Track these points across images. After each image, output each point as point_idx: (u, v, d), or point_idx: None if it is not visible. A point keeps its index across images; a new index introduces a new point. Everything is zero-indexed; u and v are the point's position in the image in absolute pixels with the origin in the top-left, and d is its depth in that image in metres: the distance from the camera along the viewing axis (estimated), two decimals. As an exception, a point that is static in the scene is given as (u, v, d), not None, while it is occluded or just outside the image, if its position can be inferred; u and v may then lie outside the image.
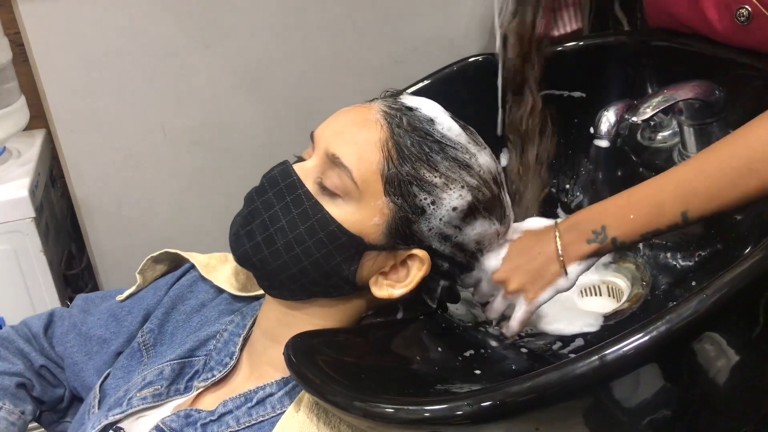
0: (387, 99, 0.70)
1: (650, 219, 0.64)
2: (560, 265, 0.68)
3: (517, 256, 0.70)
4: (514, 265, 0.70)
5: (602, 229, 0.66)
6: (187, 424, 0.66)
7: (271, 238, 0.65)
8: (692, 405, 0.60)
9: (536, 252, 0.69)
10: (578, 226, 0.68)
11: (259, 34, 1.15)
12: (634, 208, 0.65)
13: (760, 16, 0.76)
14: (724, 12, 0.80)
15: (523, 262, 0.69)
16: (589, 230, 0.67)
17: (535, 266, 0.69)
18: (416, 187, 0.65)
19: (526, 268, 0.69)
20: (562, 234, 0.68)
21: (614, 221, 0.66)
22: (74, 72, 1.10)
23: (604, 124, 0.81)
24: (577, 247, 0.67)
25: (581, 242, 0.67)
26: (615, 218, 0.66)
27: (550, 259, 0.68)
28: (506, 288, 0.70)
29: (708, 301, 0.54)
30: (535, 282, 0.69)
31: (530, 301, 0.70)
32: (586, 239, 0.67)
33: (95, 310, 0.83)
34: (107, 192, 1.18)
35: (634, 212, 0.65)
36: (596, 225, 0.66)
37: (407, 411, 0.55)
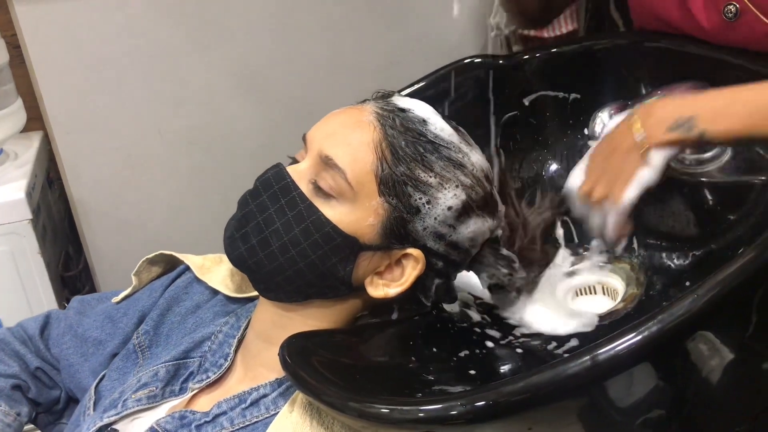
0: (379, 100, 0.70)
1: (754, 122, 0.58)
2: (639, 153, 0.61)
3: (594, 162, 0.65)
4: (593, 173, 0.65)
5: (690, 118, 0.60)
6: (181, 425, 0.66)
7: (266, 240, 0.66)
8: (686, 404, 0.61)
9: (612, 149, 0.64)
10: (659, 113, 0.61)
11: (256, 36, 1.15)
12: (738, 105, 0.59)
13: (747, 12, 0.77)
14: (711, 9, 0.81)
15: (601, 166, 0.64)
16: (672, 117, 0.60)
17: (613, 165, 0.64)
18: (411, 187, 0.66)
19: (604, 171, 0.64)
20: (641, 120, 0.62)
21: (708, 113, 0.59)
22: (71, 74, 1.11)
23: (599, 125, 0.82)
24: (656, 132, 0.61)
25: (661, 128, 0.60)
26: (709, 110, 0.59)
27: (627, 150, 0.62)
28: (591, 200, 0.65)
29: (700, 301, 0.54)
30: (616, 182, 0.63)
31: (617, 204, 0.64)
32: (667, 126, 0.60)
33: (91, 312, 0.83)
34: (104, 194, 1.18)
35: (736, 110, 0.58)
36: (683, 112, 0.60)
37: (402, 411, 0.56)
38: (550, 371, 0.53)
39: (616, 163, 0.63)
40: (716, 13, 0.80)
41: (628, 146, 0.62)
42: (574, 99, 0.96)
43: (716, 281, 0.55)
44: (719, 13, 0.79)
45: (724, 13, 0.78)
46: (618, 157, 0.63)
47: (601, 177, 0.65)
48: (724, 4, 0.79)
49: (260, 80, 1.18)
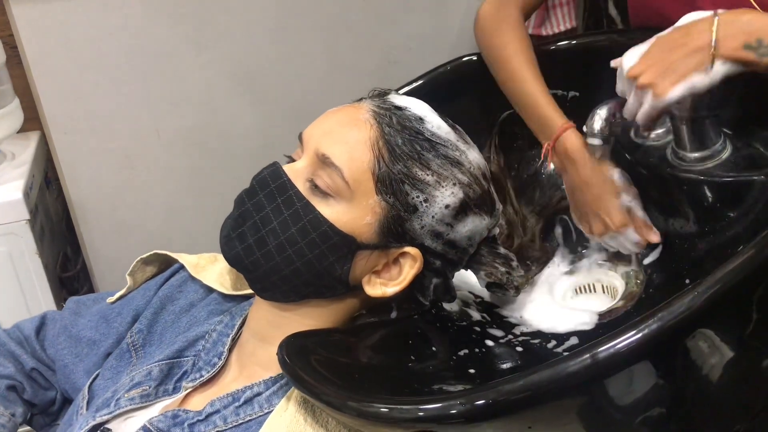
0: (375, 99, 0.70)
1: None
2: (707, 56, 0.61)
3: (658, 48, 0.64)
4: (651, 58, 0.64)
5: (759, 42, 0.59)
6: (174, 424, 0.66)
7: (262, 239, 0.65)
8: (686, 402, 0.60)
9: (680, 43, 0.63)
10: (742, 25, 0.61)
11: (253, 36, 1.15)
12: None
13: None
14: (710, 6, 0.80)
15: (662, 54, 0.63)
16: (754, 35, 0.60)
17: (673, 58, 0.62)
18: (408, 185, 0.65)
19: (662, 60, 0.63)
20: (721, 25, 0.61)
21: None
22: (68, 74, 1.10)
23: (597, 123, 0.82)
24: (730, 44, 0.60)
25: (738, 41, 0.60)
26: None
27: (695, 49, 0.61)
28: (637, 83, 0.65)
29: (700, 298, 0.54)
30: (666, 75, 0.63)
31: (659, 97, 0.64)
32: (744, 42, 0.60)
33: (86, 312, 0.83)
34: (102, 194, 1.18)
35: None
36: (763, 35, 0.59)
37: (401, 410, 0.55)
38: (549, 370, 0.53)
39: (676, 57, 0.62)
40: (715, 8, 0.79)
41: (696, 46, 0.62)
42: (573, 96, 0.95)
43: (716, 279, 0.55)
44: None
45: None
46: (681, 52, 0.62)
47: (655, 65, 0.64)
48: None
49: (258, 80, 1.17)
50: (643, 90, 0.66)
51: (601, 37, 1.03)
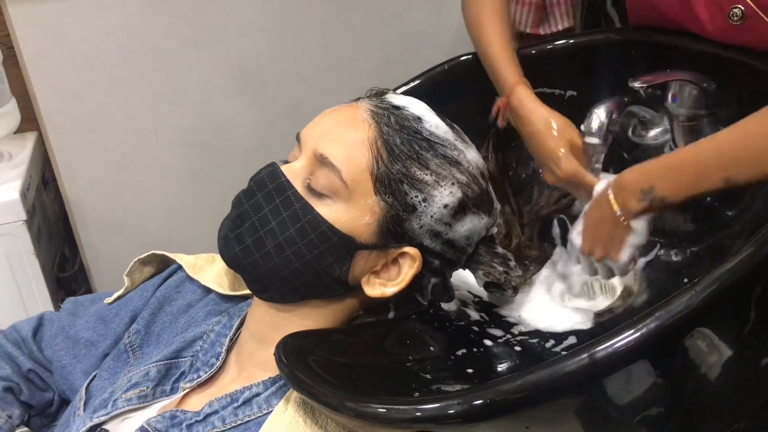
0: (373, 98, 0.70)
1: (694, 182, 0.67)
2: (624, 225, 0.72)
3: (590, 227, 0.76)
4: (590, 237, 0.76)
5: (650, 189, 0.69)
6: (172, 425, 0.66)
7: (261, 240, 0.65)
8: (684, 401, 0.60)
9: (601, 220, 0.75)
10: (628, 187, 0.71)
11: (251, 35, 1.15)
12: (678, 171, 0.69)
13: (754, 16, 0.76)
14: (715, 12, 0.80)
15: (596, 232, 0.75)
16: (638, 190, 0.70)
17: (605, 234, 0.74)
18: (407, 185, 0.65)
19: (599, 237, 0.75)
20: (616, 197, 0.72)
21: (661, 182, 0.69)
22: (65, 74, 1.10)
23: (595, 122, 0.82)
24: (631, 205, 0.71)
25: (633, 201, 0.71)
26: (661, 180, 0.69)
27: (612, 223, 0.73)
28: (595, 258, 0.76)
29: (698, 297, 0.54)
30: (612, 248, 0.74)
31: (617, 263, 0.75)
32: (636, 199, 0.70)
33: (83, 313, 0.82)
34: (100, 194, 1.18)
35: (678, 175, 0.68)
36: (644, 185, 0.70)
37: (398, 411, 0.55)
38: (547, 369, 0.53)
39: (606, 232, 0.74)
40: (721, 15, 0.79)
41: (612, 219, 0.73)
42: (571, 96, 0.95)
43: (714, 277, 0.55)
44: (724, 15, 0.79)
45: (730, 16, 0.78)
46: (606, 228, 0.74)
47: (596, 243, 0.76)
48: (729, 7, 0.78)
49: (256, 80, 1.17)
50: (603, 262, 0.77)
51: (599, 36, 1.03)
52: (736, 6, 0.77)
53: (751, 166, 0.64)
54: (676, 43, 0.88)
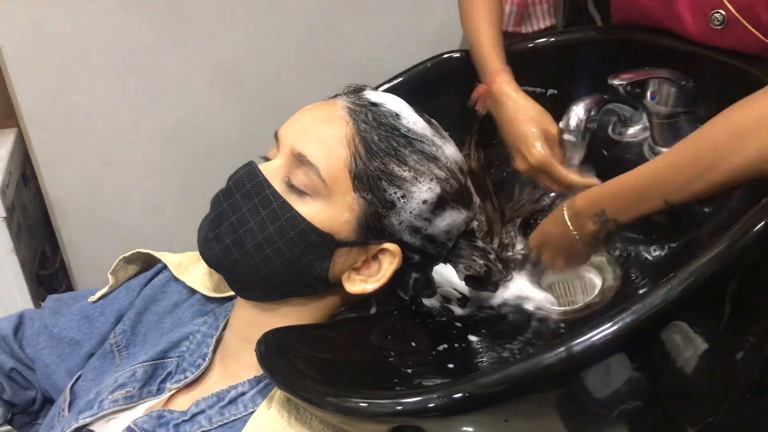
0: (350, 95, 0.70)
1: (638, 205, 0.71)
2: (581, 247, 0.77)
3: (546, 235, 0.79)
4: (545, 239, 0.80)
5: (602, 212, 0.73)
6: (159, 424, 0.66)
7: (240, 240, 0.65)
8: (661, 394, 0.61)
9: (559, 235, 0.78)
10: (582, 213, 0.75)
11: (233, 31, 1.14)
12: (623, 196, 0.72)
13: (734, 21, 0.77)
14: (698, 16, 0.81)
15: (553, 240, 0.79)
16: (592, 214, 0.74)
17: (564, 248, 0.78)
18: (385, 181, 0.65)
19: (556, 247, 0.79)
20: (571, 221, 0.76)
21: (609, 207, 0.73)
22: (45, 70, 1.09)
23: (573, 119, 0.82)
24: (588, 228, 0.75)
25: (589, 223, 0.74)
26: (609, 204, 0.73)
27: (573, 243, 0.76)
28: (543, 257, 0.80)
29: (675, 291, 0.54)
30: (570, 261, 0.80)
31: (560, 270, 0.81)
32: (591, 221, 0.74)
33: (67, 312, 0.82)
34: (81, 191, 1.17)
35: (623, 199, 0.72)
36: (596, 209, 0.73)
37: (379, 405, 0.55)
38: (525, 363, 0.53)
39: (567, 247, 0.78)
40: (703, 19, 0.80)
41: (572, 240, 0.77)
42: (552, 94, 0.96)
43: (690, 271, 0.55)
44: (706, 19, 0.80)
45: (711, 21, 0.79)
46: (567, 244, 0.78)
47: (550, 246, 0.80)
48: (710, 12, 0.79)
49: (238, 76, 1.17)
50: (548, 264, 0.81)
51: (580, 34, 1.04)
52: (717, 11, 0.78)
53: (682, 189, 0.67)
54: (656, 41, 0.89)
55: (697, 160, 0.66)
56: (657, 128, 0.83)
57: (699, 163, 0.66)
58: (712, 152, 0.65)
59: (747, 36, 0.77)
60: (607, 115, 0.88)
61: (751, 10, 0.75)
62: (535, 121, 0.85)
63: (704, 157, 0.65)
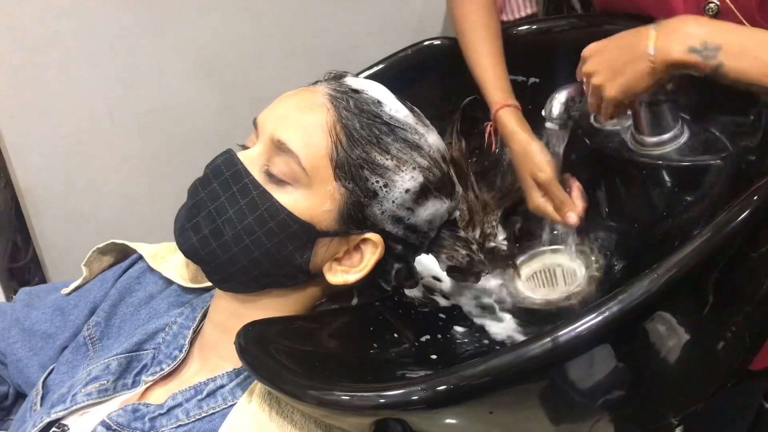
0: (331, 81, 0.68)
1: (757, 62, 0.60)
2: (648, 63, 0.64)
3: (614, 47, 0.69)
4: (601, 58, 0.69)
5: (716, 48, 0.61)
6: (134, 418, 0.64)
7: (218, 230, 0.64)
8: (644, 384, 0.61)
9: (629, 45, 0.66)
10: (688, 30, 0.63)
11: (210, 17, 1.12)
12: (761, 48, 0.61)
13: (728, 12, 0.77)
14: (691, 6, 0.81)
15: (611, 55, 0.68)
16: (699, 40, 0.62)
17: (622, 60, 0.66)
18: (368, 170, 0.64)
19: (612, 61, 0.67)
20: (661, 32, 0.64)
21: (735, 48, 0.60)
22: (14, 55, 1.06)
23: (556, 108, 0.82)
24: (675, 47, 0.63)
25: (683, 46, 0.62)
26: (737, 46, 0.61)
27: (640, 55, 0.64)
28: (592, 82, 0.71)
29: (659, 281, 0.54)
30: (615, 78, 0.67)
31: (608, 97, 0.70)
32: (689, 47, 0.62)
33: (39, 304, 0.80)
34: (53, 181, 1.14)
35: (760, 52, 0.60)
36: (711, 39, 0.61)
37: (362, 398, 0.55)
38: (510, 354, 0.53)
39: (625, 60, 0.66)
40: (696, 9, 0.80)
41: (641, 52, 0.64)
42: (533, 83, 0.96)
43: (674, 262, 0.55)
44: (700, 9, 0.79)
45: (705, 11, 0.79)
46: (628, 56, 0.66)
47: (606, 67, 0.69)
48: (705, 3, 0.78)
49: (215, 63, 1.15)
50: (596, 90, 0.71)
51: (561, 21, 1.04)
52: (711, 1, 0.78)
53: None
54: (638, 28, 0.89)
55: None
56: (639, 116, 0.83)
57: None
58: None
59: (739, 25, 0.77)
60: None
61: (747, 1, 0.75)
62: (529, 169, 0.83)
63: None
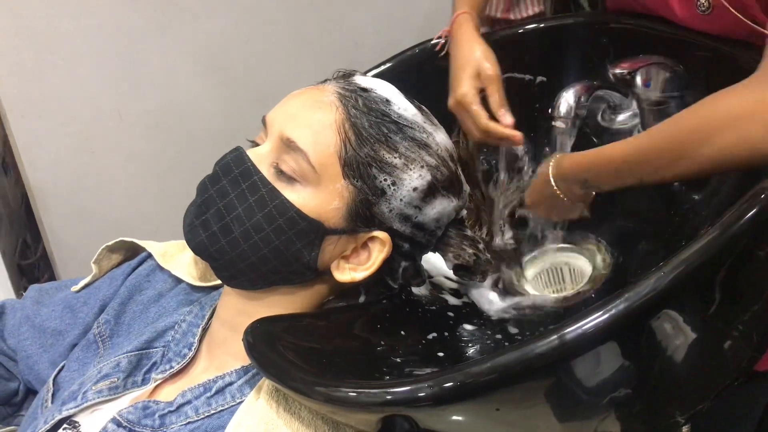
0: (340, 80, 0.69)
1: (616, 180, 0.74)
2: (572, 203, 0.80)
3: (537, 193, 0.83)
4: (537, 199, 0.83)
5: (586, 180, 0.77)
6: (144, 415, 0.65)
7: (227, 227, 0.64)
8: (651, 382, 0.61)
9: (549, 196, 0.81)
10: (567, 177, 0.79)
11: (217, 15, 1.13)
12: (602, 169, 0.75)
13: (719, 7, 0.77)
14: (685, 1, 0.81)
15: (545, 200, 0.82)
16: (577, 181, 0.78)
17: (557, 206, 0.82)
18: (376, 168, 0.64)
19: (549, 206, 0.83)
20: (558, 185, 0.80)
21: (591, 177, 0.77)
22: (24, 55, 1.07)
23: (563, 106, 0.82)
24: (575, 191, 0.79)
25: (576, 188, 0.79)
26: (591, 174, 0.77)
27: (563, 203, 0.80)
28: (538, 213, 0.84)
29: (665, 279, 0.54)
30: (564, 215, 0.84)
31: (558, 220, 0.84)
32: (577, 186, 0.78)
33: (49, 302, 0.80)
34: (62, 179, 1.15)
35: (602, 172, 0.75)
36: (580, 177, 0.78)
37: (369, 394, 0.55)
38: (517, 351, 0.53)
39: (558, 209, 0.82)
40: (689, 4, 0.80)
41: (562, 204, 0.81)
42: (541, 81, 0.96)
43: (681, 260, 0.55)
44: (692, 4, 0.80)
45: (697, 6, 0.79)
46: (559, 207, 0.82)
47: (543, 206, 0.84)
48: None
49: (222, 62, 1.15)
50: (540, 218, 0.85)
51: (568, 20, 1.03)
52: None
53: (653, 173, 0.70)
54: (645, 27, 0.89)
55: (666, 150, 0.68)
56: (647, 114, 0.83)
57: (666, 154, 0.68)
58: (679, 145, 0.67)
59: (734, 21, 0.77)
60: (596, 102, 0.88)
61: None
62: (475, 60, 0.86)
63: (671, 150, 0.68)
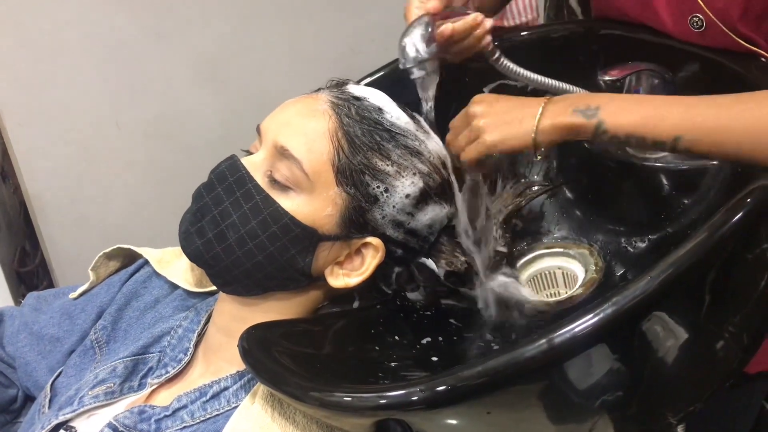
0: (333, 89, 0.70)
1: (645, 123, 0.64)
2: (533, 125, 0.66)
3: (501, 99, 0.70)
4: (492, 107, 0.69)
5: (596, 108, 0.65)
6: (140, 420, 0.65)
7: (222, 234, 0.65)
8: (642, 384, 0.62)
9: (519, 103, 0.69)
10: (571, 99, 0.67)
11: (214, 24, 1.14)
12: (636, 105, 0.65)
13: (713, 25, 0.77)
14: (678, 18, 0.81)
15: (502, 107, 0.69)
16: (581, 103, 0.65)
17: (510, 114, 0.68)
18: (369, 176, 0.65)
19: (501, 112, 0.68)
20: (551, 102, 0.67)
21: (612, 107, 0.65)
22: (23, 64, 1.08)
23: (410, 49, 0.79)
24: (559, 112, 0.66)
25: (566, 110, 0.66)
26: (614, 104, 0.65)
27: (526, 115, 0.67)
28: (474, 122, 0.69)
29: (654, 282, 0.55)
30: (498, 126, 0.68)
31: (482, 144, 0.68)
32: (573, 108, 0.65)
33: (47, 309, 0.81)
34: (60, 187, 1.16)
35: (634, 108, 0.65)
36: (591, 102, 0.65)
37: (362, 399, 0.56)
38: (507, 355, 0.53)
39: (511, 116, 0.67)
40: (683, 21, 0.80)
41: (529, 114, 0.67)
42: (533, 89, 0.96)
43: (670, 262, 0.56)
44: (686, 22, 0.80)
45: (690, 23, 0.79)
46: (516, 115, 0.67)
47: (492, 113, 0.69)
48: (689, 15, 0.79)
49: (219, 70, 1.16)
50: (474, 131, 0.69)
51: (561, 27, 1.04)
52: (695, 15, 0.78)
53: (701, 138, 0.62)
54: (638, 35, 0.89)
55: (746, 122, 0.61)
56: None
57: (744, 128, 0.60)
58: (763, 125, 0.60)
59: (727, 38, 0.77)
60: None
61: (727, 13, 0.76)
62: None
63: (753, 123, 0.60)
